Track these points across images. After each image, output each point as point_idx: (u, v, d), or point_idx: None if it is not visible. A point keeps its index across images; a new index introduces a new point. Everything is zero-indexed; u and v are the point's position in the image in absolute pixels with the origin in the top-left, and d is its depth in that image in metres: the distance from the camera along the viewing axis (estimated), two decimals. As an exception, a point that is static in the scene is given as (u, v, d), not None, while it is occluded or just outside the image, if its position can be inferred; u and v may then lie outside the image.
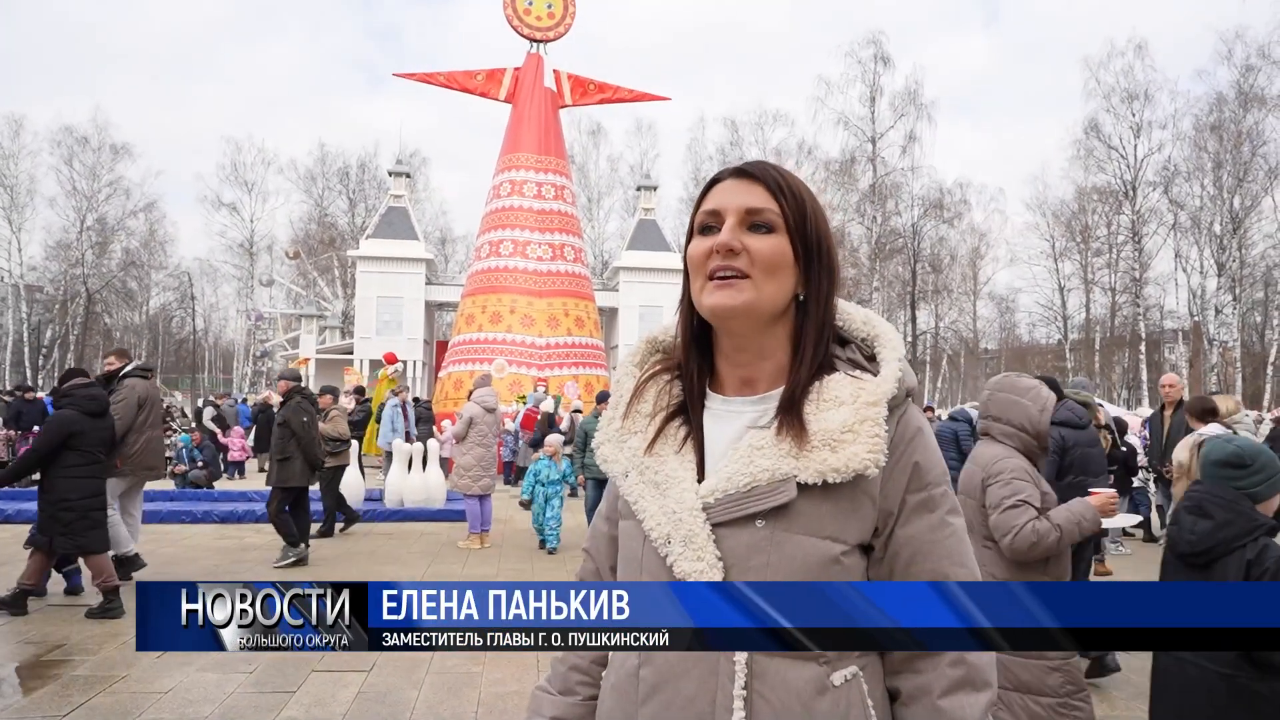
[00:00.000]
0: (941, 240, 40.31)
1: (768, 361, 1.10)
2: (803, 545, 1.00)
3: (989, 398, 3.03)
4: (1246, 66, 32.83)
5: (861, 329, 1.14)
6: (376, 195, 44.41)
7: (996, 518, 2.79)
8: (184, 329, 51.86)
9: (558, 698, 1.20)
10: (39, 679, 4.46)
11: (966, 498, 2.97)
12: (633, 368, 1.23)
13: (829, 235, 1.12)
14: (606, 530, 1.23)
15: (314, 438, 7.94)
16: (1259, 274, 35.46)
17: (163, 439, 7.37)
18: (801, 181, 1.12)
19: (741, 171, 1.09)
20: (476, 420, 8.80)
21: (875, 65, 35.75)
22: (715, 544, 1.02)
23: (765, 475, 1.01)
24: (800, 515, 1.01)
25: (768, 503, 1.00)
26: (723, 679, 0.99)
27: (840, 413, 1.02)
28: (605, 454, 1.17)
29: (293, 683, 4.46)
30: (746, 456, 1.03)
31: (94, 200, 40.91)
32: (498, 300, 19.12)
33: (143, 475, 6.96)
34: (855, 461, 0.99)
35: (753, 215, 1.06)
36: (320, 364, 32.00)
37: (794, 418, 1.03)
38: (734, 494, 1.02)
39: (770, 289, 1.05)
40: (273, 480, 7.89)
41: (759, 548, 1.01)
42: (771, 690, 0.98)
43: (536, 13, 20.50)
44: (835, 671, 1.00)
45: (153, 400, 6.95)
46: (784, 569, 0.99)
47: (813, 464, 1.00)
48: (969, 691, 1.00)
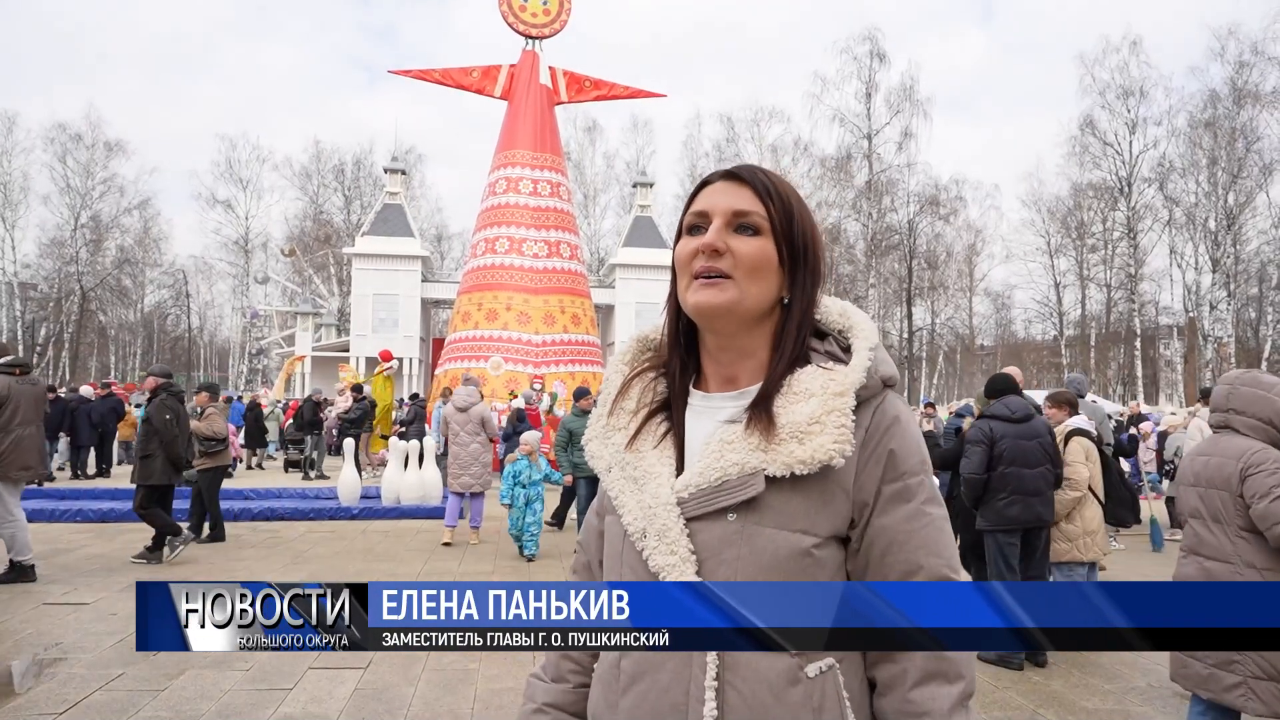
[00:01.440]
0: (937, 236, 40.35)
1: (750, 360, 1.12)
2: (774, 539, 1.01)
3: (1230, 392, 3.12)
4: (1240, 63, 32.92)
5: (838, 321, 1.14)
6: (372, 192, 44.31)
7: (1267, 506, 2.84)
8: (179, 327, 51.75)
9: (550, 685, 1.23)
10: (35, 677, 4.45)
11: (1214, 489, 3.02)
12: (622, 365, 1.25)
13: (816, 239, 1.13)
14: (597, 524, 1.25)
15: (176, 436, 7.71)
16: (1253, 270, 35.54)
17: (39, 437, 7.04)
18: (790, 185, 1.13)
19: (731, 174, 1.11)
20: (449, 419, 8.89)
21: (871, 62, 35.80)
22: (689, 538, 1.03)
23: (735, 469, 1.02)
24: (770, 509, 1.02)
25: (737, 496, 1.01)
26: (695, 670, 1.00)
27: (809, 405, 1.03)
28: (592, 450, 1.19)
29: (289, 679, 4.46)
30: (717, 451, 1.04)
31: (88, 197, 40.77)
32: (494, 297, 19.09)
33: (16, 477, 6.68)
34: (821, 452, 0.99)
35: (739, 217, 1.08)
36: (316, 361, 31.96)
37: (763, 412, 1.04)
38: (706, 488, 1.03)
39: (753, 290, 1.07)
40: (136, 478, 7.73)
41: (730, 541, 1.02)
42: (743, 680, 0.99)
43: (532, 9, 20.44)
44: (809, 663, 1.00)
45: (18, 398, 6.66)
46: (755, 562, 1.00)
47: (780, 456, 1.00)
48: (940, 683, 1.00)
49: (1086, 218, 39.14)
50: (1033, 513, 5.02)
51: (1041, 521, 5.07)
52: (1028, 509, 5.01)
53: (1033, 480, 5.03)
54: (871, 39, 35.82)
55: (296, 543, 8.85)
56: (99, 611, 5.83)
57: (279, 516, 10.47)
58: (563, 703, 1.21)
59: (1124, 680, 4.73)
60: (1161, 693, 4.54)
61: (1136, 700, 4.43)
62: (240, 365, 46.92)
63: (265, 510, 10.52)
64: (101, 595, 6.30)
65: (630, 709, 1.05)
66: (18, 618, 5.60)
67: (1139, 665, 4.99)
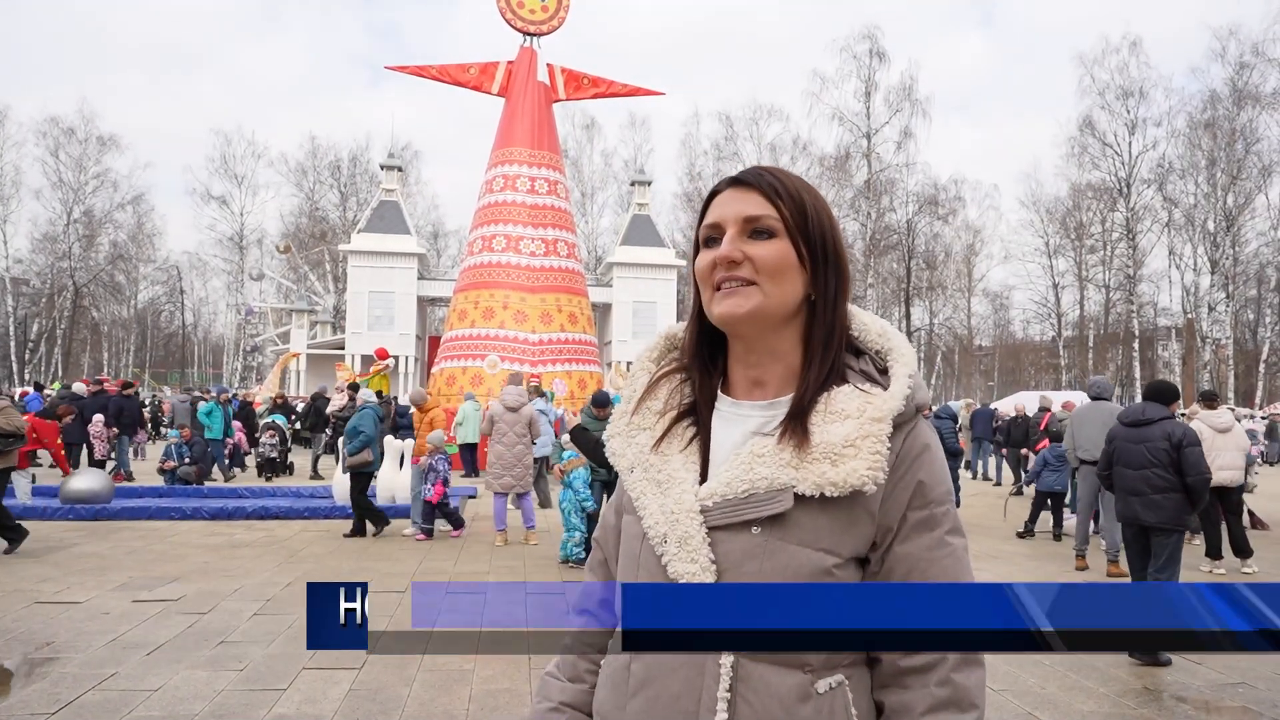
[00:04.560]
0: (936, 237, 40.42)
1: (779, 364, 1.11)
2: (796, 555, 1.01)
3: None
4: (1240, 64, 32.99)
5: (877, 341, 1.14)
6: (368, 189, 44.23)
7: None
8: (173, 323, 51.65)
9: (566, 684, 1.21)
10: (27, 677, 4.42)
11: None
12: (649, 363, 1.24)
13: (835, 233, 1.12)
14: (614, 522, 1.24)
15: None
16: (1252, 271, 35.64)
17: None
18: (803, 181, 1.12)
19: (737, 181, 1.11)
20: (498, 419, 8.79)
21: (871, 60, 35.82)
22: (710, 547, 1.03)
23: (764, 483, 1.02)
24: (796, 525, 1.02)
25: (764, 510, 1.01)
26: (708, 680, 1.01)
27: (844, 426, 1.03)
28: (614, 447, 1.19)
29: (283, 680, 4.43)
30: (747, 463, 1.04)
31: (81, 192, 40.68)
32: (490, 296, 19.04)
33: None
34: (854, 477, 0.99)
35: (751, 223, 1.07)
36: (311, 359, 31.87)
37: (799, 427, 1.04)
38: (732, 499, 1.03)
39: (777, 293, 1.06)
40: None
41: (753, 554, 1.02)
42: (755, 694, 0.99)
43: (530, 6, 20.38)
44: (820, 680, 1.01)
45: None
46: (775, 577, 1.01)
47: (811, 475, 1.00)
48: (953, 712, 1.00)
49: (1085, 218, 39.21)
50: (1131, 511, 5.40)
51: (1140, 521, 5.35)
52: (1127, 507, 5.44)
53: (1133, 481, 5.39)
54: (871, 38, 35.87)
55: (291, 541, 8.81)
56: (91, 610, 5.79)
57: (273, 515, 10.42)
58: (580, 703, 1.19)
59: (1120, 683, 4.71)
60: (1158, 695, 4.53)
61: (1132, 703, 4.41)
62: (235, 362, 46.83)
63: (259, 509, 10.48)
64: (94, 594, 6.26)
65: (639, 712, 1.05)
66: (9, 616, 5.56)
67: (1134, 669, 4.98)
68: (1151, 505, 5.30)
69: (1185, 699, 4.50)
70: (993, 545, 9.31)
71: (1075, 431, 7.92)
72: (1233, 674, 4.90)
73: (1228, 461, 7.83)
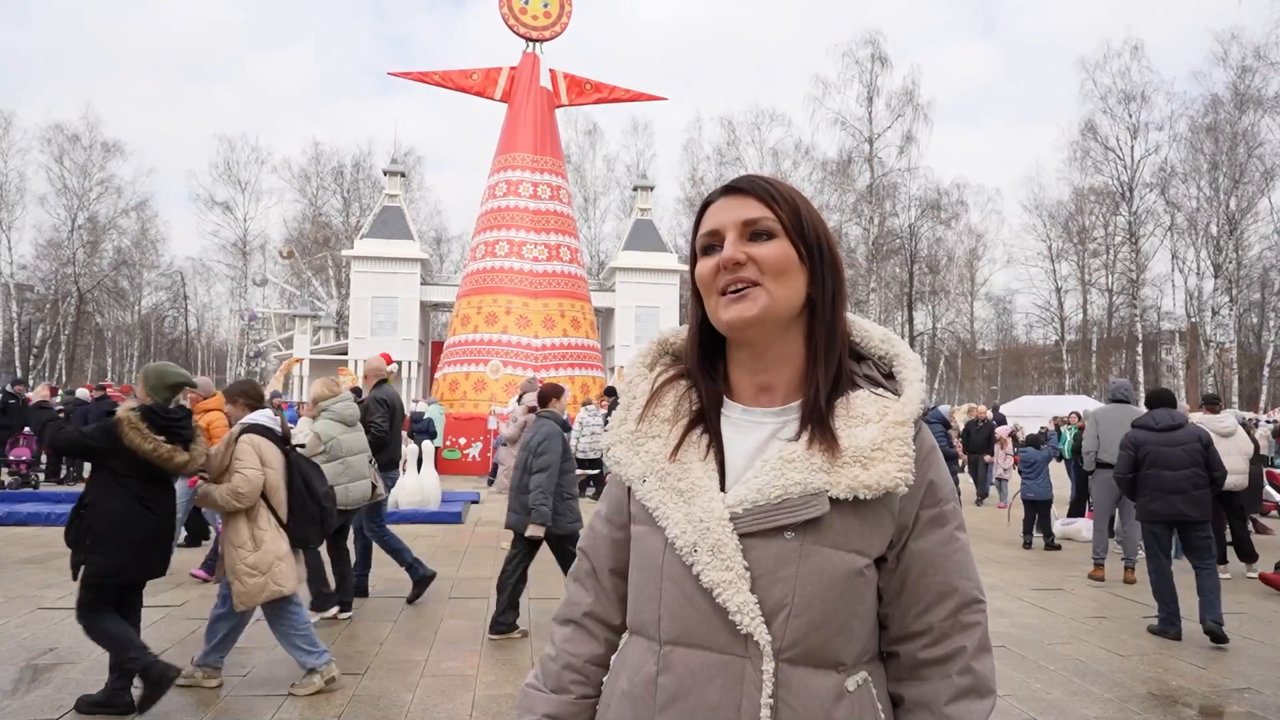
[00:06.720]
0: (939, 241, 40.44)
1: (786, 367, 1.12)
2: (831, 558, 1.02)
3: None
4: (1243, 68, 32.99)
5: (879, 346, 1.17)
6: (371, 194, 44.35)
7: None
8: (176, 329, 51.75)
9: (550, 695, 1.19)
10: (32, 682, 4.42)
11: None
12: (644, 369, 1.23)
13: (828, 234, 1.14)
14: (608, 533, 1.22)
15: None
16: (1255, 275, 35.59)
17: None
18: (792, 186, 1.14)
19: (730, 189, 1.12)
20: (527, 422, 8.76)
21: (873, 65, 35.82)
22: (743, 554, 1.03)
23: (797, 489, 1.02)
24: (830, 529, 1.03)
25: (799, 515, 1.02)
26: (748, 687, 1.01)
27: (868, 430, 1.05)
28: (618, 455, 1.17)
29: (284, 685, 4.42)
30: (777, 469, 1.04)
31: (85, 198, 40.82)
32: (493, 301, 19.07)
33: None
34: (887, 479, 1.02)
35: (751, 226, 1.08)
36: (314, 364, 31.91)
37: (825, 431, 1.06)
38: (764, 505, 1.03)
39: (782, 292, 1.07)
40: None
41: (787, 559, 1.02)
42: (796, 697, 1.01)
43: (533, 11, 20.44)
44: (849, 678, 1.04)
45: None
46: (811, 580, 1.02)
47: (844, 479, 1.02)
48: (975, 699, 1.05)
49: (1088, 222, 39.21)
50: (1174, 509, 5.75)
51: (1183, 517, 5.74)
52: (1168, 505, 5.77)
53: (1174, 481, 5.76)
54: (873, 43, 35.87)
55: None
56: (94, 615, 5.78)
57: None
58: (564, 714, 1.18)
59: (1125, 688, 4.69)
60: (1163, 701, 4.51)
61: (1137, 708, 4.39)
62: (238, 368, 46.87)
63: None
64: (97, 599, 6.25)
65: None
66: (13, 622, 5.57)
67: (1139, 673, 4.96)
68: (1193, 501, 5.72)
69: (1190, 704, 4.48)
70: (994, 550, 9.30)
71: (1100, 434, 7.81)
72: (1238, 679, 4.89)
73: (1231, 466, 7.80)
